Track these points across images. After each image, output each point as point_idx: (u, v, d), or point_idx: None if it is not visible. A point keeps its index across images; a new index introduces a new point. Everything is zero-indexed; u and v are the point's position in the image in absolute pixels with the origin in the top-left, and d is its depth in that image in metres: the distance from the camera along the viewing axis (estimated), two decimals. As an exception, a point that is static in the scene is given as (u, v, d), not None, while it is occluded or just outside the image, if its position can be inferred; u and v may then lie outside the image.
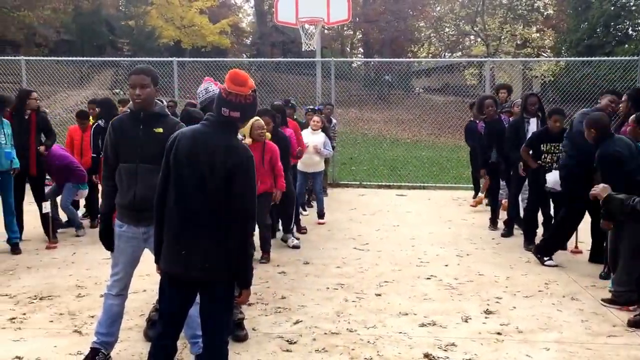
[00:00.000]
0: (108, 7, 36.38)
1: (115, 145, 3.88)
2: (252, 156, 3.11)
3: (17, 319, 4.88)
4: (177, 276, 3.16)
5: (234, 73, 3.13)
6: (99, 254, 6.83)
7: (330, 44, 43.64)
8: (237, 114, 3.11)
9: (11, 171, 6.96)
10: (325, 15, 13.18)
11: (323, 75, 13.70)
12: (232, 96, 3.09)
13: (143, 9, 35.79)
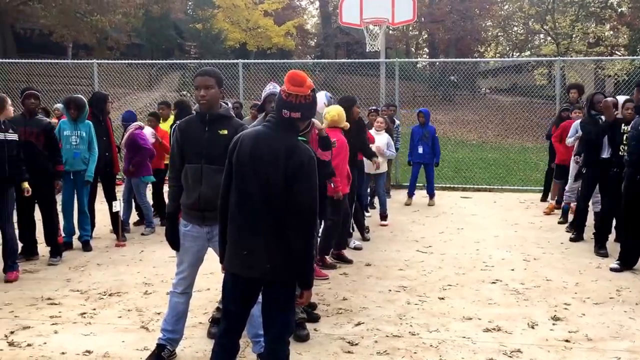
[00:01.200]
0: (176, 11, 37.30)
1: (181, 146, 3.96)
2: (313, 156, 3.10)
3: (88, 314, 5.04)
4: (240, 276, 3.19)
5: (292, 74, 3.14)
6: (165, 252, 7.01)
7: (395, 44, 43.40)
8: (298, 114, 3.12)
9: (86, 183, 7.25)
10: (390, 15, 13.09)
11: (387, 76, 13.60)
12: (291, 97, 3.10)
13: (210, 13, 36.55)
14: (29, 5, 27.09)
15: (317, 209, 3.09)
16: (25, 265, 6.49)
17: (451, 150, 18.86)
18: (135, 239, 8.00)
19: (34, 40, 33.89)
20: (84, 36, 28.05)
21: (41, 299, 5.43)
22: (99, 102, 7.75)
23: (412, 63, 30.42)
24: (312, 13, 51.42)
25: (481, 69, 33.48)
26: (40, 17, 26.63)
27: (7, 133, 5.96)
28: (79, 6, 26.81)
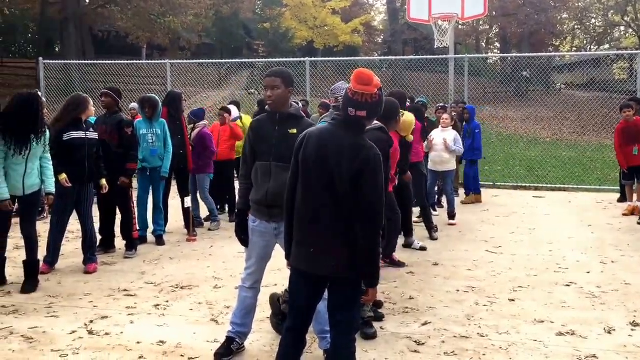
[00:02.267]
0: (245, 11, 37.95)
1: (253, 144, 4.03)
2: (379, 154, 3.09)
3: (161, 306, 5.21)
4: (306, 272, 3.22)
5: (358, 72, 3.14)
6: (234, 247, 7.14)
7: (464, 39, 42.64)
8: (364, 112, 3.12)
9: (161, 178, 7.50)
10: (459, 10, 12.88)
11: (456, 72, 13.39)
12: (357, 96, 3.10)
13: (278, 11, 36.98)
14: (107, 8, 28.18)
15: (384, 207, 3.08)
16: (103, 257, 6.75)
17: (523, 148, 18.39)
18: (206, 234, 8.20)
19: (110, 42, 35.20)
20: (158, 37, 28.97)
21: (118, 290, 5.65)
22: (174, 100, 7.97)
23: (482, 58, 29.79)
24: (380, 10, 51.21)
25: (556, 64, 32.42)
26: (117, 19, 27.64)
27: (88, 132, 6.22)
28: (153, 8, 27.68)
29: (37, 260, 5.73)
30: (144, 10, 27.40)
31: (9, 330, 4.59)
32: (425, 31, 31.31)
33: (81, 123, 6.18)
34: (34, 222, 5.79)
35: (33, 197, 5.68)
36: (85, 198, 6.25)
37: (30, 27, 36.61)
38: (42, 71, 15.11)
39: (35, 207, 5.84)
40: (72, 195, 6.14)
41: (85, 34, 30.05)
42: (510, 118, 23.67)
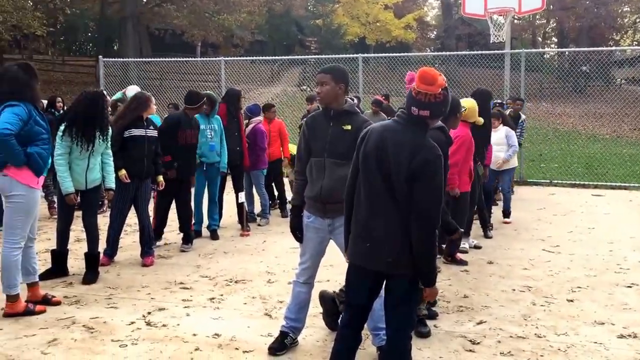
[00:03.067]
0: (297, 8, 38.10)
1: (308, 140, 4.05)
2: (440, 155, 3.06)
3: (216, 299, 5.30)
4: (363, 268, 3.22)
5: (422, 72, 3.11)
6: (286, 243, 7.20)
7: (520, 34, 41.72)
8: (427, 112, 3.09)
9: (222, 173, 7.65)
10: (516, 4, 12.62)
11: (512, 67, 13.11)
12: (421, 95, 3.07)
13: (330, 8, 37.00)
14: (163, 7, 28.76)
15: (439, 208, 3.05)
16: (160, 251, 6.90)
17: (581, 145, 17.91)
18: (258, 229, 8.28)
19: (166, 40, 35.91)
20: (212, 35, 29.39)
21: (174, 283, 5.77)
22: (233, 98, 8.05)
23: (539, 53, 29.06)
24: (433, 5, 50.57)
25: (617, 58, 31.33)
26: (173, 17, 28.18)
27: (148, 129, 6.37)
28: (208, 6, 28.10)
29: (97, 252, 5.91)
30: (199, 8, 27.86)
31: (71, 320, 4.75)
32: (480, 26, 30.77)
33: (142, 121, 6.33)
34: (95, 216, 5.96)
35: (94, 192, 5.85)
36: (144, 193, 6.41)
37: (90, 26, 37.69)
38: (101, 69, 15.55)
39: (96, 201, 6.02)
40: (131, 190, 6.30)
41: (143, 32, 30.76)
42: (568, 114, 23.05)
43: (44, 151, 4.81)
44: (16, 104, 4.64)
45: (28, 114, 4.67)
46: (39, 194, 4.92)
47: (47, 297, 5.10)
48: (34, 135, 4.74)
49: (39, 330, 4.55)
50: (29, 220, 4.82)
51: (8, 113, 4.58)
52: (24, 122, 4.63)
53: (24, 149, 4.66)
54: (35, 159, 4.72)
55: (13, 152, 4.59)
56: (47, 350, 4.19)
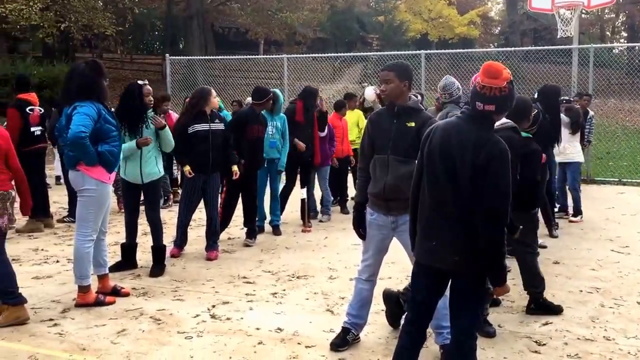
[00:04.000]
0: (360, 4, 38.03)
1: (372, 137, 4.05)
2: (507, 150, 3.01)
3: (278, 294, 5.37)
4: (429, 266, 3.20)
5: (487, 66, 3.07)
6: (348, 239, 7.22)
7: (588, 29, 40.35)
8: (492, 106, 3.05)
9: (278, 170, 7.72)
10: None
11: (580, 63, 12.70)
12: (486, 89, 3.03)
13: (392, 4, 36.76)
14: (228, 6, 29.24)
15: (508, 204, 3.00)
16: (224, 245, 7.03)
17: (654, 143, 17.17)
18: (320, 225, 8.32)
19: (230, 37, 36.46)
20: (275, 32, 29.69)
21: (238, 277, 5.88)
22: (310, 96, 8.07)
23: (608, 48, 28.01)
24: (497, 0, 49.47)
25: (691, 53, 29.88)
26: (237, 16, 28.61)
27: (213, 123, 6.49)
28: (271, 4, 28.40)
29: (163, 246, 6.07)
30: (263, 6, 28.20)
31: (139, 311, 4.91)
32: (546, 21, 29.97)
33: (205, 115, 6.45)
34: (158, 210, 6.13)
35: (154, 186, 6.00)
36: (212, 187, 6.53)
37: (157, 25, 38.67)
38: (168, 67, 15.95)
39: (157, 194, 6.18)
40: (199, 184, 6.44)
41: (207, 30, 31.32)
42: (638, 111, 22.12)
43: (114, 148, 4.97)
44: (85, 104, 4.77)
45: (97, 113, 4.83)
46: (110, 188, 5.10)
47: (117, 289, 5.29)
48: (104, 134, 4.90)
49: (109, 320, 4.72)
50: (100, 213, 5.01)
51: (80, 115, 4.72)
52: (94, 122, 4.79)
53: (95, 148, 4.84)
54: (107, 157, 4.88)
55: (87, 153, 4.77)
56: (117, 340, 4.35)
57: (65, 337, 4.40)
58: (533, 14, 26.82)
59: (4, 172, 4.66)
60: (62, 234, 7.73)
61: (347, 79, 25.28)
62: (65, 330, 4.51)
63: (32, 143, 7.68)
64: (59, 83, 17.86)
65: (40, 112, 7.85)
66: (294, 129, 7.83)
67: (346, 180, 9.36)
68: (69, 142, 4.73)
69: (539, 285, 4.86)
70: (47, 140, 8.14)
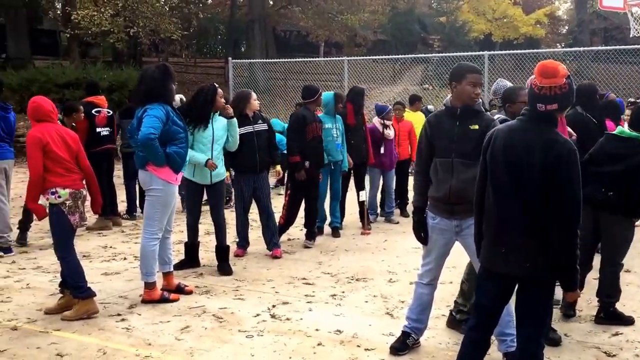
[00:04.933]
0: (421, 5, 37.69)
1: (431, 139, 4.01)
2: (574, 150, 2.93)
3: (337, 296, 5.37)
4: (496, 272, 3.15)
5: (541, 66, 3.02)
6: (408, 242, 7.16)
7: (662, 27, 38.67)
8: (555, 105, 2.99)
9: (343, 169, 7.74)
10: (660, -5, 11.70)
11: (653, 63, 12.20)
12: (545, 90, 2.97)
13: (455, 5, 36.27)
14: (289, 9, 29.52)
15: (580, 206, 2.91)
16: (283, 246, 7.07)
17: None
18: (380, 228, 8.28)
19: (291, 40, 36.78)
20: (335, 35, 29.77)
21: (297, 278, 5.92)
22: (358, 96, 8.07)
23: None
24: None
25: None
26: (298, 19, 28.85)
27: (256, 124, 6.55)
28: (332, 7, 28.49)
29: (226, 245, 6.17)
30: (324, 9, 28.31)
31: (202, 309, 5.01)
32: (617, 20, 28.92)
33: (248, 118, 6.51)
34: (222, 210, 6.24)
35: (219, 186, 6.13)
36: (263, 186, 6.60)
37: (220, 29, 39.45)
38: (231, 70, 16.24)
39: (221, 195, 6.30)
40: (249, 185, 6.52)
41: (269, 34, 31.72)
42: None
43: (182, 150, 5.10)
44: (154, 106, 4.93)
45: (166, 115, 4.97)
46: (176, 189, 5.23)
47: (181, 286, 5.42)
48: (172, 135, 5.03)
49: (173, 317, 4.83)
50: (165, 213, 5.14)
51: (150, 118, 4.89)
52: (163, 124, 4.93)
53: (164, 149, 4.97)
54: (174, 158, 5.02)
55: (156, 154, 4.91)
56: (180, 336, 4.45)
57: (132, 332, 4.53)
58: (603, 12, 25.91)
59: (76, 171, 4.86)
60: (129, 232, 7.97)
61: (408, 81, 25.08)
62: (132, 326, 4.64)
63: (99, 144, 7.94)
64: (127, 86, 18.48)
65: (107, 115, 8.12)
66: (347, 131, 7.82)
67: (407, 184, 9.28)
68: (140, 143, 4.89)
69: (614, 295, 4.69)
70: (114, 141, 8.37)
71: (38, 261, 6.48)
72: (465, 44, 32.84)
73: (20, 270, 6.16)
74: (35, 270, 6.17)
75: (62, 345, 4.29)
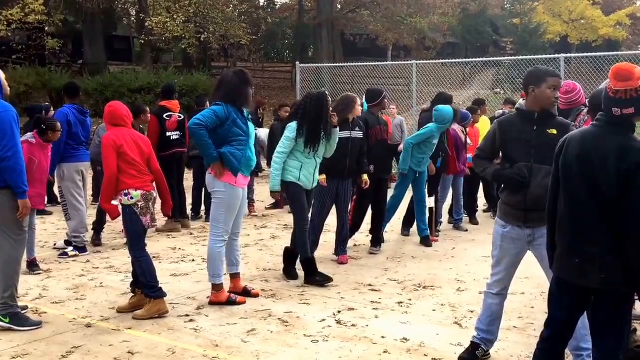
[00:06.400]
0: (493, 7, 36.93)
1: (501, 144, 3.90)
2: None
3: (404, 304, 5.29)
4: (570, 283, 3.03)
5: (616, 69, 2.91)
6: (477, 251, 7.01)
7: None
8: (631, 109, 2.88)
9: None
10: None
11: None
12: (620, 93, 2.87)
13: (529, 6, 35.36)
14: (357, 13, 29.53)
15: None
16: (349, 252, 6.99)
17: None
18: (448, 235, 8.11)
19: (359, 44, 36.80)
20: (404, 38, 29.55)
21: (363, 284, 5.87)
22: (445, 103, 7.93)
23: None
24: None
25: None
26: (367, 23, 28.80)
27: (353, 131, 6.48)
28: (401, 10, 28.30)
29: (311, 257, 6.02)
30: (393, 12, 28.17)
31: (268, 313, 5.04)
32: None
33: (348, 123, 6.45)
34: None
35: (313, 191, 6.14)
36: (345, 193, 6.53)
37: (287, 33, 39.88)
38: (298, 74, 16.33)
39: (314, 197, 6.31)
40: (333, 190, 6.43)
41: (336, 38, 31.83)
42: None
43: (239, 152, 5.12)
44: (221, 104, 5.06)
45: (227, 115, 5.04)
46: (241, 192, 5.26)
47: (247, 289, 5.46)
48: (231, 136, 5.10)
49: (240, 319, 4.88)
50: (230, 215, 5.19)
51: (207, 110, 5.06)
52: (219, 119, 5.01)
53: (219, 149, 5.03)
54: (228, 158, 5.06)
55: (202, 142, 4.98)
56: (247, 339, 4.48)
57: (200, 333, 4.60)
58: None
59: (147, 174, 5.00)
60: (197, 234, 8.12)
61: (478, 85, 24.62)
62: (200, 327, 4.71)
63: (169, 148, 8.09)
64: (197, 91, 18.94)
65: (178, 119, 8.23)
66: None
67: (477, 190, 9.08)
68: (189, 129, 5.07)
69: None
70: (184, 145, 8.47)
71: (110, 261, 6.69)
72: (539, 47, 31.95)
73: (94, 269, 6.38)
74: (108, 269, 6.37)
75: (133, 343, 4.39)
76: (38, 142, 5.70)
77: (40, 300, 5.34)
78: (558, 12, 34.16)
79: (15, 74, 21.16)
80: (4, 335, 4.49)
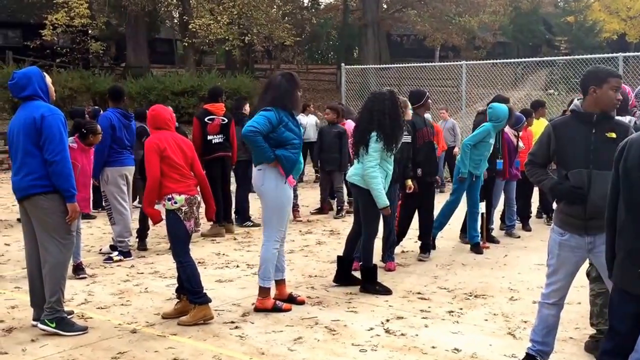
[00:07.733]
0: (546, 5, 36.06)
1: (557, 148, 3.72)
2: None
3: (455, 313, 5.11)
4: (632, 293, 2.88)
5: None
6: (530, 258, 6.78)
7: None
8: None
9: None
10: None
11: None
12: None
13: (584, 3, 34.42)
14: (404, 13, 29.23)
15: None
16: (397, 259, 6.82)
17: None
18: (500, 242, 7.82)
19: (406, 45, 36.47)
20: (453, 38, 29.09)
21: (412, 292, 5.70)
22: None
23: None
24: None
25: None
26: (414, 22, 28.45)
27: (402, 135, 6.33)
28: (449, 9, 27.87)
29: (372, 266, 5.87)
30: (441, 11, 27.76)
31: (314, 320, 4.93)
32: None
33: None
34: None
35: None
36: (391, 199, 6.36)
37: (332, 34, 39.80)
38: (343, 76, 16.19)
39: None
40: None
41: (382, 38, 31.60)
42: None
43: (292, 155, 5.05)
44: (271, 109, 4.98)
45: (278, 120, 4.98)
46: (291, 192, 5.18)
47: (293, 296, 5.37)
48: (284, 140, 5.03)
49: (285, 327, 4.79)
50: (282, 216, 5.12)
51: (259, 116, 4.97)
52: (272, 125, 4.94)
53: (273, 151, 4.97)
54: (282, 160, 5.00)
55: (258, 148, 4.92)
56: (293, 347, 4.38)
57: (245, 340, 4.53)
58: None
59: (191, 178, 4.96)
60: (241, 239, 8.06)
61: (531, 86, 24.02)
62: (246, 334, 4.64)
63: (211, 152, 8.03)
64: (240, 93, 18.99)
65: (221, 122, 8.12)
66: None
67: (531, 195, 8.77)
68: (243, 137, 5.02)
69: None
70: (229, 148, 8.29)
71: (155, 266, 6.69)
72: (595, 46, 31.03)
73: (139, 274, 6.38)
74: (152, 275, 6.36)
75: (179, 349, 4.35)
76: (80, 147, 5.75)
77: (85, 305, 5.36)
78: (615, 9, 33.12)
79: (59, 78, 21.43)
80: (50, 340, 4.51)
